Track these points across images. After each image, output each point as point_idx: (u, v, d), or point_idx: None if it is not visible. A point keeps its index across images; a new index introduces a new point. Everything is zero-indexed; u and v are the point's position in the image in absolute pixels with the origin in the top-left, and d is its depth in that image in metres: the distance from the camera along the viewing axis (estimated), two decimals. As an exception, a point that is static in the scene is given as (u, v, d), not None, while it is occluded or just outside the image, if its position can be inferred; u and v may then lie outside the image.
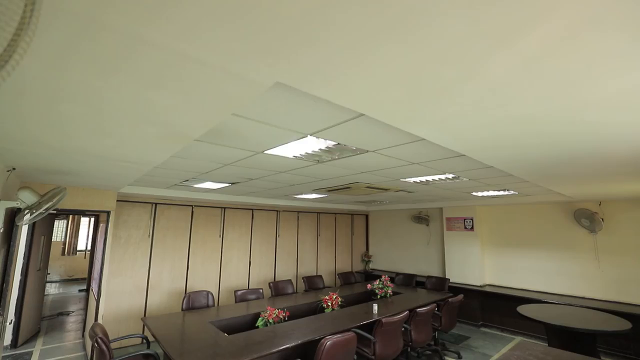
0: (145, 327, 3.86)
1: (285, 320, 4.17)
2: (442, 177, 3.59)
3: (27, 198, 2.70)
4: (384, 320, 3.61)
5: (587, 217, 5.34)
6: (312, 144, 2.29)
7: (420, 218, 7.87)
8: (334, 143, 2.22)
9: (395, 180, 3.83)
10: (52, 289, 9.23)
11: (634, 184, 3.33)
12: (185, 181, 4.05)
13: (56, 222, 10.91)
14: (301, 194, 5.41)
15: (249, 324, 4.19)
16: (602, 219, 5.29)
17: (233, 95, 1.17)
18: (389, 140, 2.13)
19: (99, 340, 2.87)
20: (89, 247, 10.78)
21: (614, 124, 1.44)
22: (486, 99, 1.21)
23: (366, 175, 3.49)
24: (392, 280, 6.08)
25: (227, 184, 4.30)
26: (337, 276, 7.57)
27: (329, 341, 2.95)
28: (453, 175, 3.51)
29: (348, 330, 3.49)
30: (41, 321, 5.90)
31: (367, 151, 2.42)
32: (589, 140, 1.71)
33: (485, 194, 5.16)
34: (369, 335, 3.68)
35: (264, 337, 3.50)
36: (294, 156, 2.63)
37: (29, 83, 1.12)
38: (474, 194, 5.16)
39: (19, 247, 4.86)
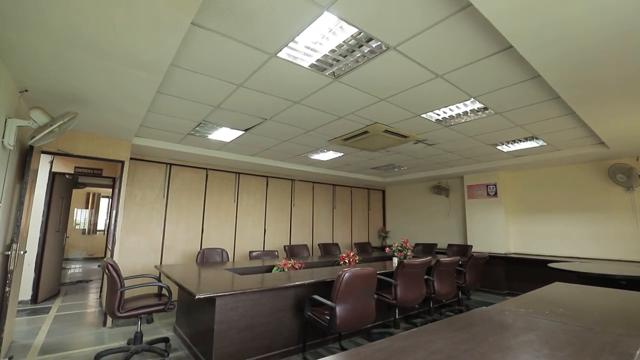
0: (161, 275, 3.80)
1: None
2: (467, 109, 3.36)
3: (38, 118, 2.65)
4: (405, 261, 3.42)
5: (624, 173, 4.96)
6: (328, 41, 2.13)
7: (440, 188, 7.59)
8: (353, 31, 2.05)
9: (415, 117, 3.61)
10: (73, 264, 9.42)
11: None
12: (198, 125, 3.95)
13: (77, 211, 11.12)
14: (317, 151, 5.24)
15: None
16: (641, 175, 4.90)
17: None
18: (414, 21, 1.94)
19: (109, 266, 2.80)
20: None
21: None
22: None
23: (384, 105, 3.29)
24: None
25: (241, 132, 4.18)
26: (353, 245, 7.39)
27: (347, 272, 2.78)
28: (479, 106, 3.27)
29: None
30: (61, 286, 5.98)
31: (388, 48, 2.23)
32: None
33: (512, 147, 4.86)
34: (390, 279, 3.50)
35: (280, 277, 3.38)
36: (310, 65, 2.48)
37: None
38: (498, 147, 4.87)
39: (35, 202, 4.91)
